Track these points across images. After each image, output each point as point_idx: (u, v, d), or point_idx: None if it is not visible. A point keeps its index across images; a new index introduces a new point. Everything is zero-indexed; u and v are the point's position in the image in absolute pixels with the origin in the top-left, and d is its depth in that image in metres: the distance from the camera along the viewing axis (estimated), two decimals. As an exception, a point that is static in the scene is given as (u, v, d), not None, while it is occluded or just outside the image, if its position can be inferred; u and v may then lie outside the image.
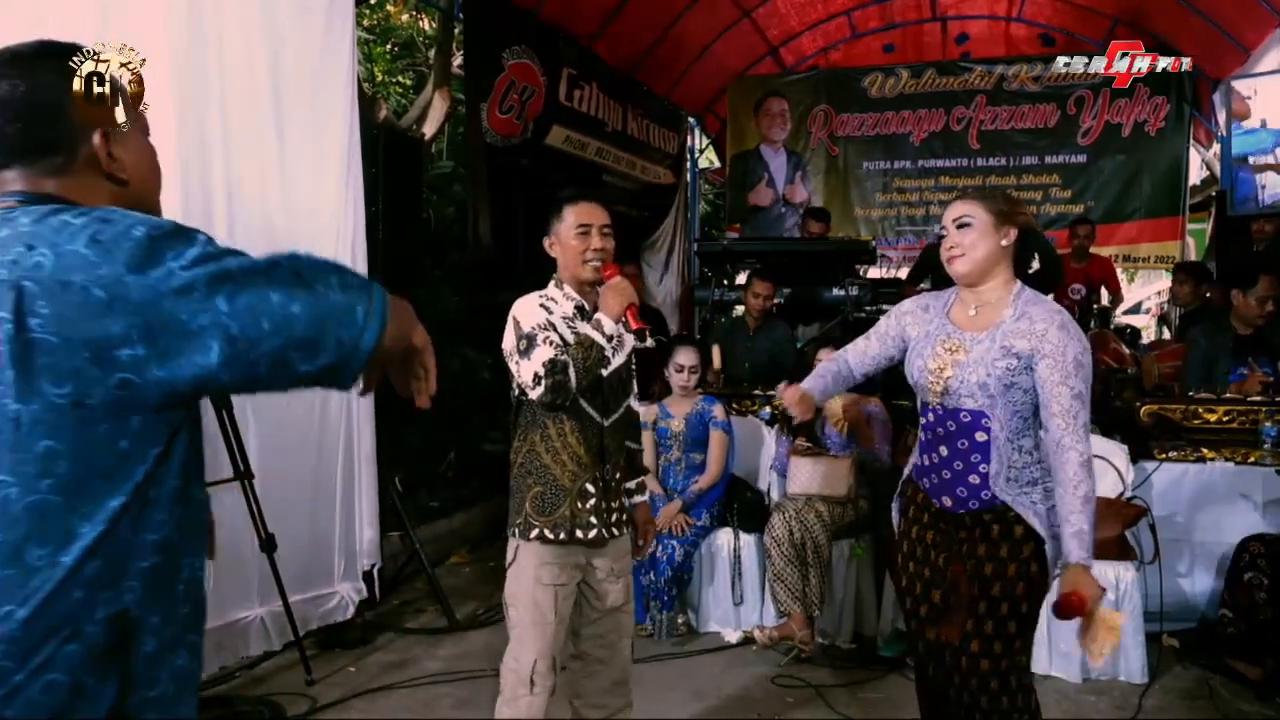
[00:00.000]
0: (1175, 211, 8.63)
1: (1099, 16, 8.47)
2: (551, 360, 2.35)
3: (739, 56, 9.33)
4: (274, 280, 1.11)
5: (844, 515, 4.10)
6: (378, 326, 1.16)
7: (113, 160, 1.24)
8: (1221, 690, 3.60)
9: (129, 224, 1.09)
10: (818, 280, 6.25)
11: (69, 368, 1.06)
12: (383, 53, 10.12)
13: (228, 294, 1.08)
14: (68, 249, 1.07)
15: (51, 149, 1.20)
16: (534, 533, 2.48)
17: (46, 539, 1.07)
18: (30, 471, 1.07)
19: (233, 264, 1.10)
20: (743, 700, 3.59)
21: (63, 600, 1.07)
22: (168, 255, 1.08)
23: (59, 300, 1.05)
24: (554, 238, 2.57)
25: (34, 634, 1.06)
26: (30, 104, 1.19)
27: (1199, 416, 4.27)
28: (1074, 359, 2.17)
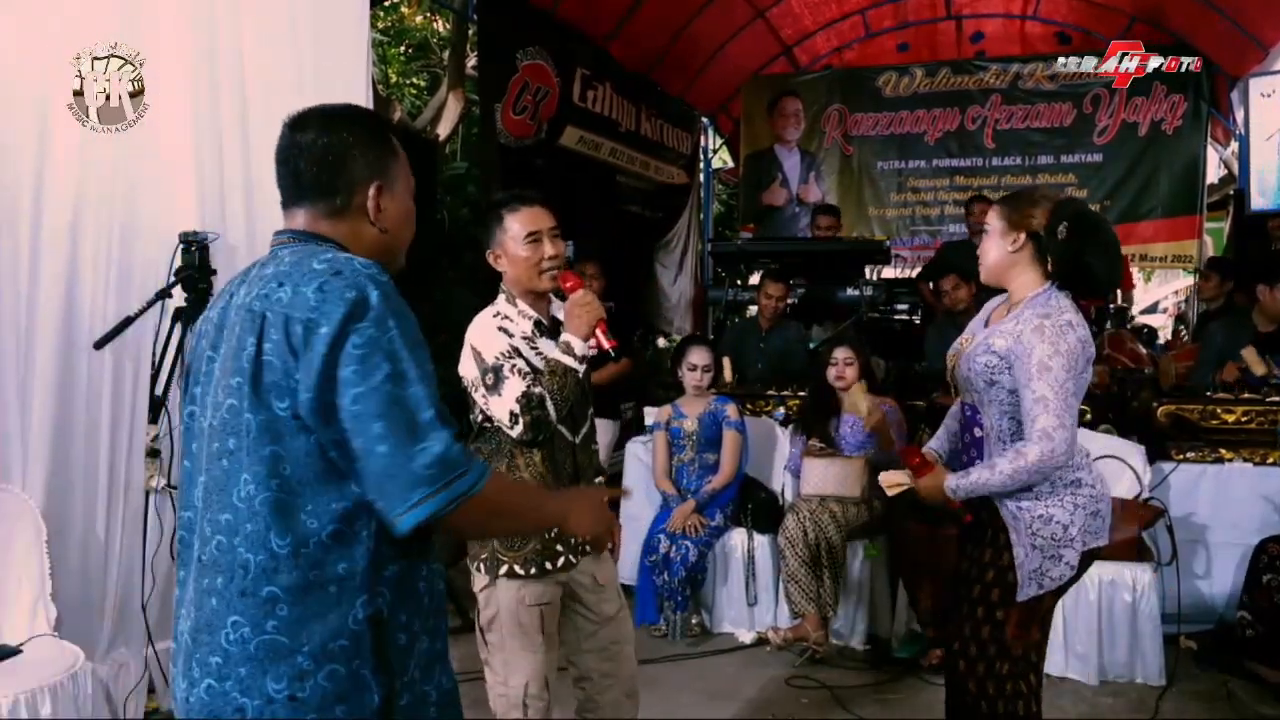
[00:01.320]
0: (1193, 210, 8.55)
1: (1116, 14, 8.41)
2: (526, 394, 2.20)
3: (753, 56, 9.31)
4: (390, 413, 1.25)
5: (858, 516, 4.09)
6: (420, 517, 1.25)
7: (380, 211, 1.46)
8: (1240, 693, 3.57)
9: (347, 285, 1.28)
10: (832, 280, 6.24)
11: (286, 386, 1.26)
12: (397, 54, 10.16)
13: (356, 395, 1.24)
14: (302, 290, 1.28)
15: (332, 192, 1.43)
16: (503, 569, 2.33)
17: (285, 530, 1.26)
18: (262, 471, 1.27)
19: (383, 372, 1.26)
20: (757, 701, 3.59)
21: (321, 594, 1.26)
22: (352, 328, 1.26)
23: (283, 330, 1.27)
24: (498, 249, 2.37)
25: (301, 617, 1.25)
26: (326, 153, 1.43)
27: (1217, 417, 4.24)
28: (1038, 361, 2.16)
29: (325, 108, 1.49)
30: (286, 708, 1.23)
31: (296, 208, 1.46)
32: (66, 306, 3.15)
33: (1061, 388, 2.15)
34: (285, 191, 1.47)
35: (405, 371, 1.27)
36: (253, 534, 1.26)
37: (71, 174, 3.14)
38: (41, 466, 3.08)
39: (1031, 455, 2.15)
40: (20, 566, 2.92)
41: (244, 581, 1.25)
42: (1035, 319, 2.21)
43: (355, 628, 1.27)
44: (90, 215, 3.18)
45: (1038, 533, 2.23)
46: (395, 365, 1.26)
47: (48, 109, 3.08)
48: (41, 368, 3.09)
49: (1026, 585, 2.24)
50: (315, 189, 1.43)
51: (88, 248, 3.18)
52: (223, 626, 1.26)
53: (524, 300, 2.40)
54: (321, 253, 1.35)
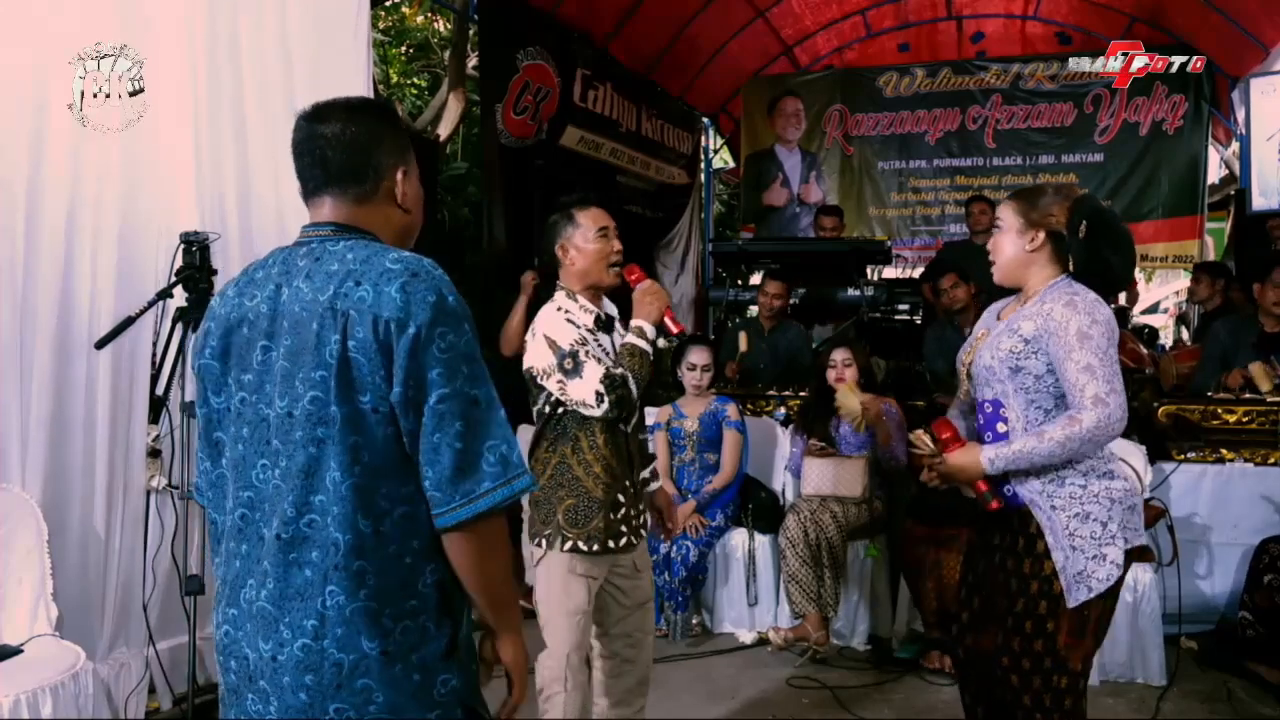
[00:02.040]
0: (1193, 210, 8.55)
1: (1116, 14, 8.40)
2: (609, 375, 2.36)
3: (753, 56, 9.31)
4: (469, 413, 1.38)
5: (859, 516, 4.09)
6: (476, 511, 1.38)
7: (404, 194, 1.56)
8: (1240, 693, 3.57)
9: (428, 287, 1.39)
10: (833, 280, 6.23)
11: (369, 381, 1.37)
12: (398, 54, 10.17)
13: (442, 396, 1.36)
14: (385, 290, 1.38)
15: (361, 177, 1.51)
16: (567, 545, 2.47)
17: (369, 513, 1.39)
18: (347, 460, 1.38)
19: (464, 374, 1.39)
20: (758, 701, 3.59)
21: (399, 565, 1.41)
22: (438, 331, 1.37)
23: (368, 328, 1.37)
24: (566, 243, 2.53)
25: (387, 587, 1.40)
26: (354, 141, 1.50)
27: (1218, 417, 4.24)
28: (1077, 331, 2.12)
29: (344, 100, 1.56)
30: (379, 661, 1.40)
31: (323, 195, 1.52)
32: (65, 306, 3.15)
33: (1106, 355, 2.10)
34: (310, 181, 1.53)
35: (480, 374, 1.40)
36: (340, 516, 1.38)
37: (70, 174, 3.13)
38: (40, 466, 3.08)
39: (1087, 421, 2.08)
40: (21, 566, 2.92)
41: (337, 557, 1.39)
42: (1064, 296, 2.18)
43: (425, 590, 1.43)
44: (89, 215, 3.18)
45: (1075, 533, 2.16)
46: (472, 368, 1.39)
47: (47, 109, 3.08)
48: (40, 368, 3.09)
49: (1075, 590, 2.15)
50: (345, 176, 1.51)
51: (87, 247, 3.18)
52: (319, 595, 1.39)
53: (584, 295, 2.55)
54: (384, 250, 1.45)
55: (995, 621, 2.28)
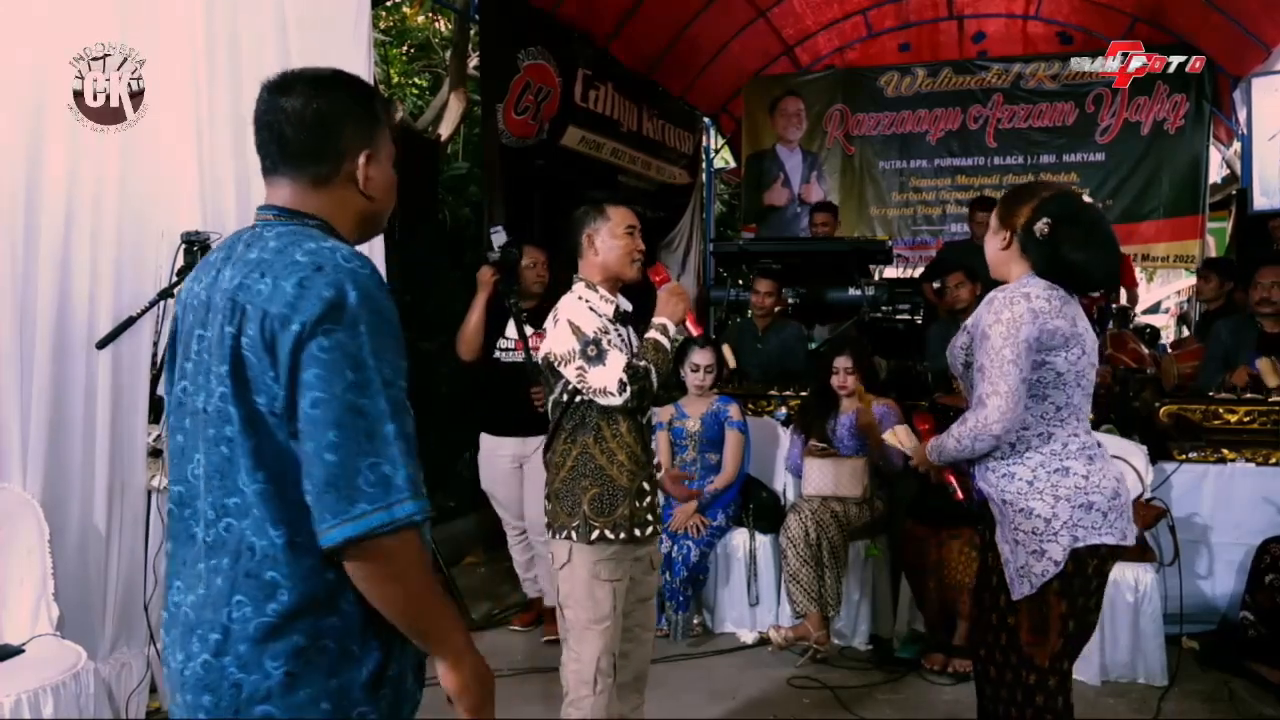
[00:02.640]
0: (1195, 210, 8.54)
1: (1118, 14, 8.40)
2: (631, 366, 2.40)
3: (754, 56, 9.30)
4: (348, 421, 1.23)
5: (859, 516, 4.09)
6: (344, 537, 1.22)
7: (368, 180, 1.44)
8: (1242, 693, 3.56)
9: (327, 282, 1.26)
10: (833, 280, 6.23)
11: (261, 382, 1.27)
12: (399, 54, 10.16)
13: (315, 400, 1.23)
14: (281, 284, 1.26)
15: (319, 158, 1.40)
16: (594, 534, 2.48)
17: (279, 520, 1.28)
18: (250, 463, 1.28)
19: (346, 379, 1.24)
20: (759, 701, 3.59)
21: (318, 579, 1.28)
22: (321, 329, 1.24)
23: (257, 325, 1.26)
24: (593, 233, 2.57)
25: (301, 603, 1.27)
26: (317, 119, 1.39)
27: (1219, 417, 4.23)
28: (980, 332, 2.20)
29: (312, 71, 1.44)
30: (282, 684, 1.27)
31: (279, 176, 1.42)
32: (66, 307, 3.15)
33: (996, 355, 2.14)
34: (268, 158, 1.42)
35: (370, 380, 1.24)
36: (254, 521, 1.28)
37: (70, 174, 3.13)
38: (41, 466, 3.08)
39: (970, 421, 2.19)
40: (22, 566, 2.92)
41: (249, 563, 1.28)
42: (994, 294, 2.25)
43: (349, 608, 1.30)
44: (89, 215, 3.18)
45: (1019, 527, 2.19)
46: (360, 373, 1.24)
47: (46, 109, 3.08)
48: (40, 368, 3.09)
49: (1017, 584, 2.19)
50: (302, 156, 1.39)
51: (87, 247, 3.18)
52: (226, 604, 1.28)
53: (604, 288, 2.58)
54: (307, 239, 1.32)
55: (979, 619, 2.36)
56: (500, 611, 4.51)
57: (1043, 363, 2.17)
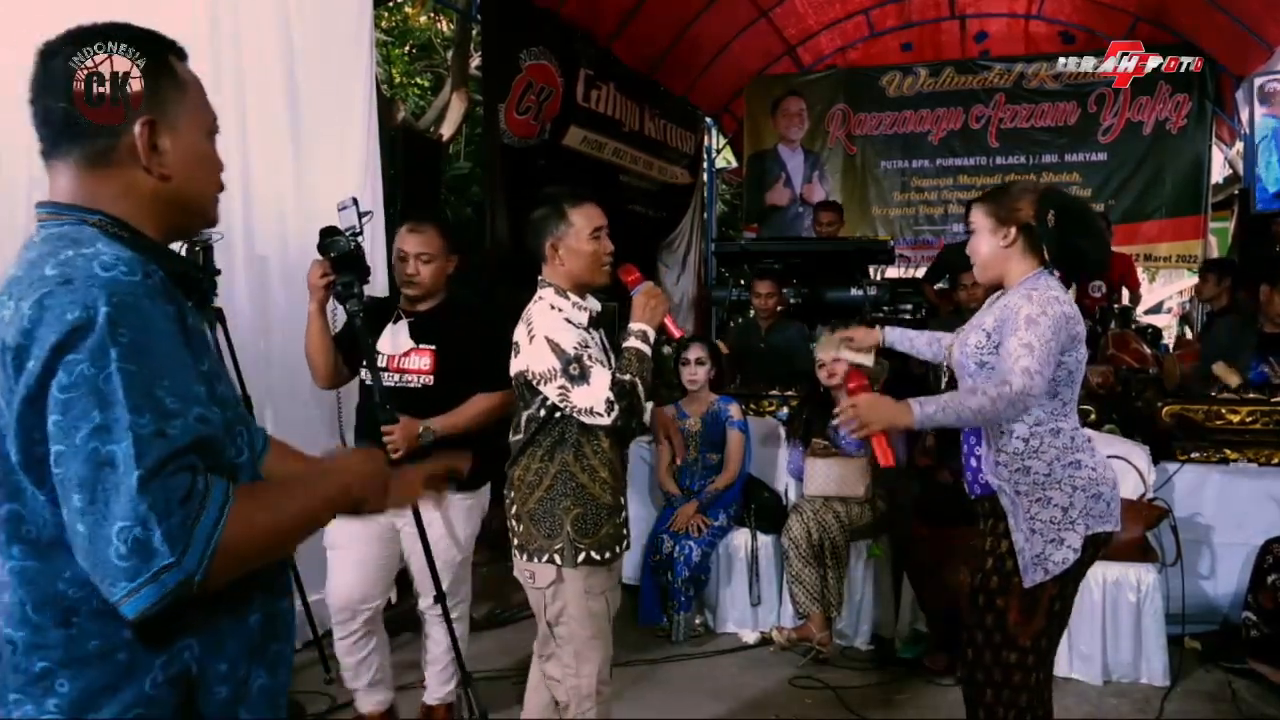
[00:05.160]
0: (1197, 210, 8.54)
1: (1120, 13, 8.40)
2: (617, 382, 2.25)
3: (756, 56, 9.31)
4: (91, 479, 0.98)
5: (861, 516, 4.09)
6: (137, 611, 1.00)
7: (155, 152, 1.15)
8: (1244, 693, 3.56)
9: (73, 300, 1.00)
10: (835, 280, 6.23)
11: (15, 427, 1.02)
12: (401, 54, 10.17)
13: (58, 455, 0.99)
14: (22, 307, 1.01)
15: (91, 132, 1.13)
16: (580, 557, 2.38)
17: (41, 603, 1.04)
18: (2, 536, 1.04)
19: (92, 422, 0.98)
20: (761, 701, 3.59)
21: (107, 663, 1.05)
22: (62, 362, 0.99)
23: (1, 359, 1.02)
24: (557, 241, 2.40)
25: (89, 695, 1.05)
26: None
27: (1221, 417, 4.23)
28: (1026, 316, 2.19)
29: (81, 26, 1.18)
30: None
31: (54, 160, 1.16)
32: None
33: (1045, 343, 2.15)
34: (42, 140, 1.18)
35: (117, 420, 0.98)
36: (10, 607, 1.06)
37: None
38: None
39: (1016, 385, 2.13)
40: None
41: (14, 657, 1.06)
42: (1024, 291, 2.27)
43: (155, 693, 1.06)
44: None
45: (1036, 516, 2.25)
46: (106, 412, 0.98)
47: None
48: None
49: (1031, 571, 2.24)
50: (70, 132, 1.13)
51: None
52: (3, 704, 1.07)
53: (575, 294, 2.43)
54: (66, 248, 1.06)
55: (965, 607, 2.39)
56: (502, 611, 4.51)
57: (1060, 363, 2.23)
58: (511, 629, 4.34)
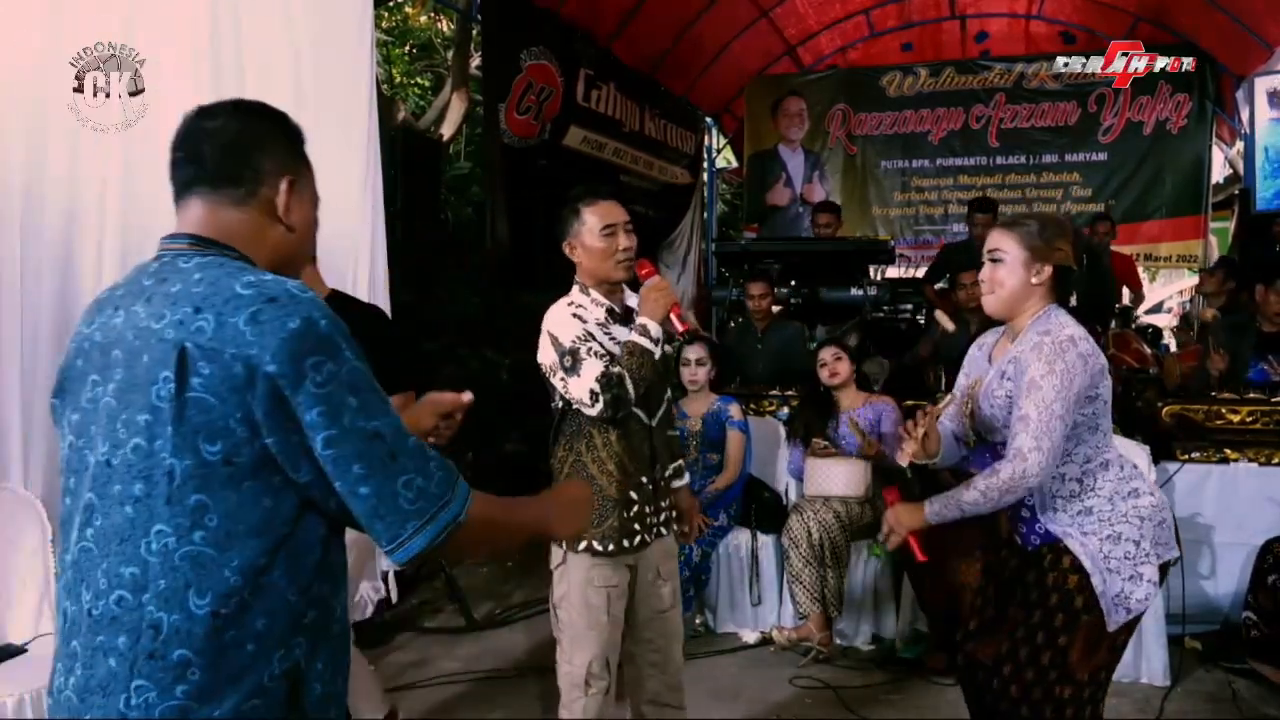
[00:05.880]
0: (1197, 210, 8.55)
1: (1120, 13, 8.40)
2: (605, 374, 2.31)
3: (756, 56, 9.31)
4: (367, 451, 1.17)
5: (862, 516, 4.09)
6: (414, 551, 1.21)
7: (288, 209, 1.34)
8: (1244, 693, 3.56)
9: (288, 313, 1.17)
10: (835, 280, 6.23)
11: (222, 427, 1.15)
12: (401, 54, 10.18)
13: (329, 439, 1.16)
14: (230, 320, 1.16)
15: (237, 180, 1.30)
16: (582, 545, 2.44)
17: (205, 588, 1.15)
18: (184, 523, 1.15)
19: (350, 408, 1.17)
20: (761, 702, 3.59)
21: (238, 654, 1.16)
22: (309, 364, 1.15)
23: (215, 364, 1.15)
24: (574, 241, 2.48)
25: (215, 683, 1.15)
26: (238, 137, 1.32)
27: (1222, 417, 4.23)
28: (1029, 380, 2.10)
29: (237, 100, 1.39)
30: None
31: (193, 196, 1.32)
32: (68, 307, 3.15)
33: (1046, 409, 2.07)
34: (181, 178, 1.33)
35: (372, 402, 1.19)
36: (167, 591, 1.14)
37: (71, 174, 3.13)
38: (43, 465, 3.08)
39: (1004, 473, 2.10)
40: (25, 566, 2.92)
41: (153, 643, 1.14)
42: (1035, 337, 2.15)
43: (270, 684, 1.18)
44: (92, 215, 3.18)
45: (1110, 555, 2.14)
46: (362, 396, 1.18)
47: (47, 109, 3.08)
48: (42, 367, 3.08)
49: (1115, 612, 2.14)
50: (219, 173, 1.30)
51: (89, 248, 3.18)
52: (123, 690, 1.14)
53: (597, 290, 2.50)
54: (239, 271, 1.22)
55: (1003, 632, 2.27)
56: (503, 611, 4.51)
57: (1096, 396, 2.14)
58: (510, 629, 4.34)
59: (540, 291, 2.60)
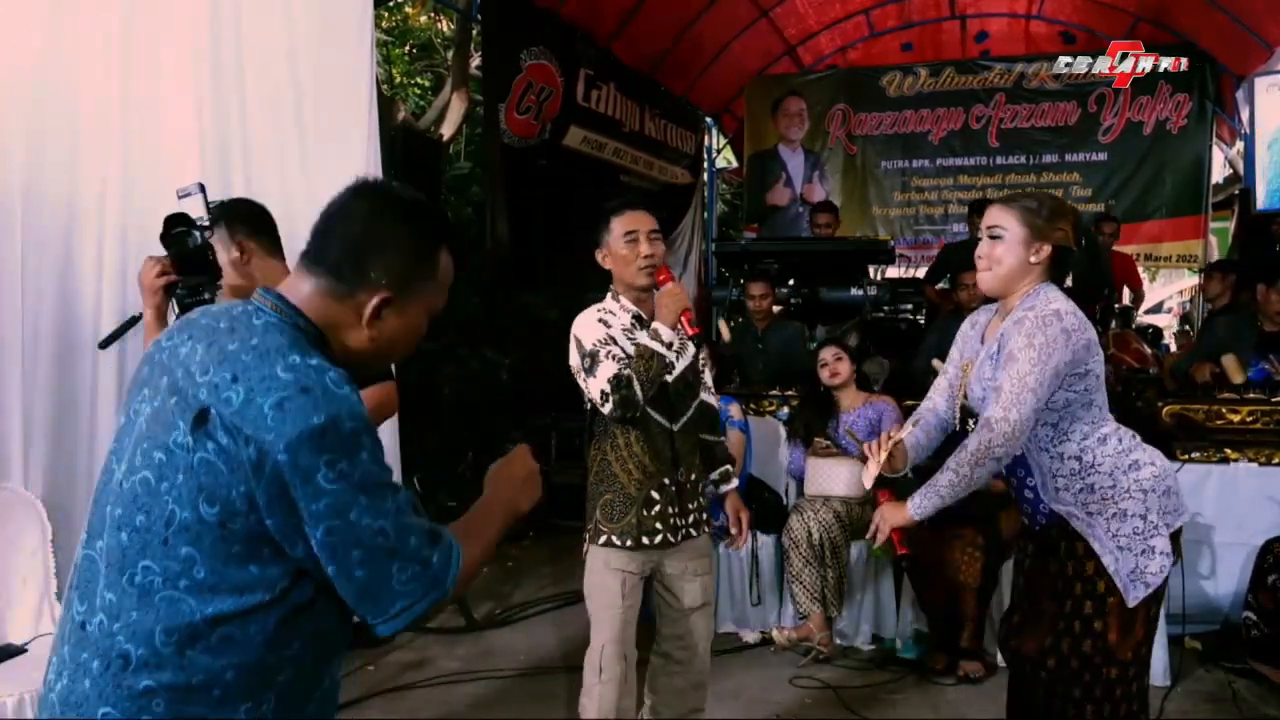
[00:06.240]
0: (1197, 210, 8.55)
1: (1120, 13, 8.41)
2: (616, 376, 2.42)
3: (757, 56, 9.32)
4: (370, 542, 1.18)
5: (862, 516, 4.08)
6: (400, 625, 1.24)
7: (377, 319, 1.30)
8: (1245, 693, 3.56)
9: (315, 407, 1.16)
10: (835, 280, 6.23)
11: (225, 495, 1.16)
12: (401, 54, 10.18)
13: (331, 529, 1.17)
14: (257, 400, 1.16)
15: (340, 276, 1.28)
16: (602, 539, 2.56)
17: (174, 630, 1.17)
18: (173, 568, 1.17)
19: (360, 506, 1.17)
20: (761, 701, 3.58)
21: (203, 695, 1.18)
22: (323, 460, 1.15)
23: (231, 439, 1.15)
24: (605, 250, 2.60)
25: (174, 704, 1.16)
26: (360, 230, 1.30)
27: (1222, 417, 4.23)
28: (1008, 353, 2.11)
29: (397, 191, 1.36)
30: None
31: (304, 264, 1.32)
32: (69, 305, 3.15)
33: (1019, 380, 2.07)
34: (307, 246, 1.34)
35: (380, 501, 1.19)
36: (138, 624, 1.17)
37: (72, 172, 3.14)
38: (44, 466, 3.09)
39: (971, 445, 2.10)
40: (26, 566, 2.92)
41: (121, 673, 1.17)
42: (1020, 313, 2.15)
43: (219, 691, 1.19)
44: (93, 214, 3.18)
45: (1118, 533, 2.13)
46: (371, 495, 1.18)
47: (47, 109, 3.08)
48: (44, 367, 3.09)
49: (1133, 589, 2.12)
50: (329, 261, 1.30)
51: (90, 247, 3.19)
52: (92, 713, 1.17)
53: (626, 296, 2.61)
54: (292, 349, 1.21)
55: (1043, 626, 2.25)
56: (503, 611, 4.51)
57: (1086, 372, 2.14)
58: (511, 629, 4.34)
59: (540, 291, 2.61)
